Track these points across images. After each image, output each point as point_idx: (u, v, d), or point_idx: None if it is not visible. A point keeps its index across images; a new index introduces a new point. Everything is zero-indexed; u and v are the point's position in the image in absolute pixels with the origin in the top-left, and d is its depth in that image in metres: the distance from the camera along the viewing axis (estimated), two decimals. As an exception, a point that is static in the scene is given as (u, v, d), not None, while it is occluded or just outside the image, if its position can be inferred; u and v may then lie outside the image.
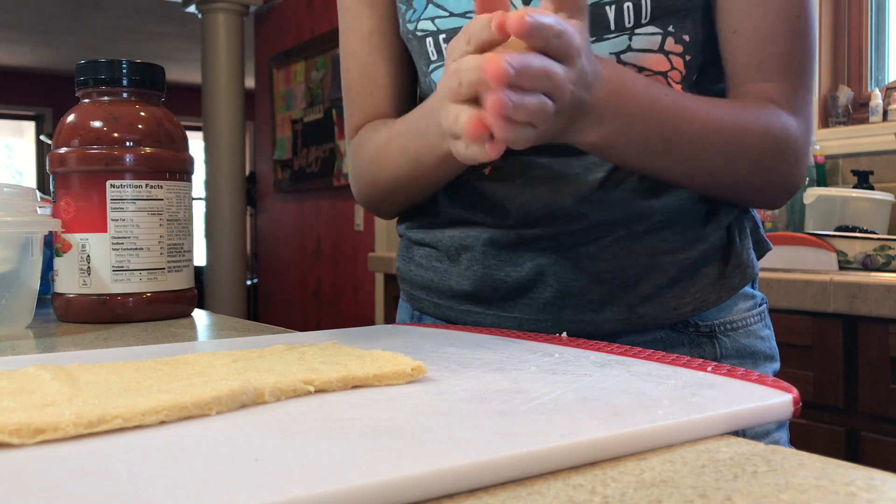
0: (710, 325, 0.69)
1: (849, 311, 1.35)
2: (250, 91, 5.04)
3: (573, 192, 0.66)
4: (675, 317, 0.67)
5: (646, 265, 0.66)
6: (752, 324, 0.71)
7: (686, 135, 0.61)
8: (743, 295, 0.71)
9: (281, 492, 0.25)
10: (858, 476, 0.29)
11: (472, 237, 0.71)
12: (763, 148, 0.63)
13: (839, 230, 1.72)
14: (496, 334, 0.59)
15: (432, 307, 0.75)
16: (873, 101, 2.00)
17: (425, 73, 0.74)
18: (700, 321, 0.68)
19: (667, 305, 0.67)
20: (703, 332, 0.68)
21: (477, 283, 0.70)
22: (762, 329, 0.72)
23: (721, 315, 0.69)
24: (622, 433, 0.32)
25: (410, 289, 0.78)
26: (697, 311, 0.68)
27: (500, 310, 0.70)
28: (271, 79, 4.59)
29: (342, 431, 0.32)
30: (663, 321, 0.67)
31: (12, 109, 7.96)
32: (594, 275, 0.66)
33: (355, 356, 0.45)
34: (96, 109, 0.78)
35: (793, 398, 0.38)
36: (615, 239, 0.66)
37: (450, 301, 0.73)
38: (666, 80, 0.66)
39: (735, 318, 0.70)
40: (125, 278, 0.76)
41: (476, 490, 0.28)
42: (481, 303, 0.71)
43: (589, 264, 0.66)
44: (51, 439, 0.31)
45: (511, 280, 0.68)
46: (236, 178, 4.60)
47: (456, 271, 0.72)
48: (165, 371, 0.42)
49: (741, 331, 0.70)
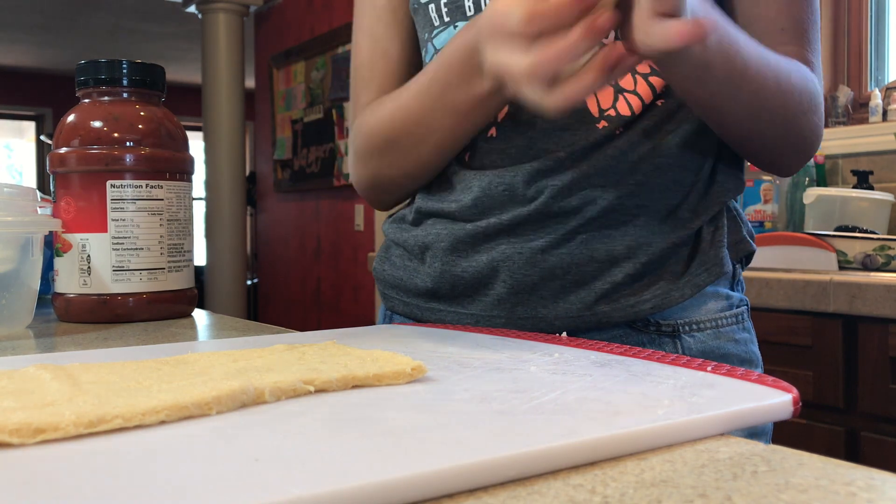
0: (672, 325, 0.67)
1: (849, 311, 1.35)
2: (250, 91, 5.04)
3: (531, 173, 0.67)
4: (632, 314, 0.66)
5: (601, 261, 0.66)
6: (723, 325, 0.69)
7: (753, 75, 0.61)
8: (714, 294, 0.69)
9: (281, 492, 0.25)
10: (858, 476, 0.29)
11: (433, 234, 0.72)
12: (802, 92, 0.65)
13: (839, 230, 1.72)
14: (496, 334, 0.59)
15: (402, 306, 0.76)
16: (873, 102, 2.00)
17: (425, 42, 0.75)
18: (661, 319, 0.67)
19: (623, 303, 0.66)
20: (665, 332, 0.67)
21: (437, 280, 0.71)
22: (737, 332, 0.70)
23: (685, 314, 0.68)
24: (622, 433, 0.32)
25: (383, 288, 0.79)
26: (657, 308, 0.66)
27: (460, 306, 0.70)
28: (271, 79, 4.59)
29: (342, 431, 0.32)
30: (619, 319, 0.66)
31: (12, 109, 7.96)
32: (547, 270, 0.66)
33: (355, 356, 0.45)
34: (96, 109, 0.78)
35: (793, 398, 0.38)
36: (568, 233, 0.66)
37: (416, 299, 0.74)
38: None
39: (702, 318, 0.68)
40: (125, 278, 0.76)
41: (476, 490, 0.28)
42: (443, 300, 0.72)
43: (541, 259, 0.66)
44: (51, 439, 0.31)
45: (468, 276, 0.69)
46: (236, 178, 4.60)
47: (422, 269, 0.73)
48: (165, 371, 0.42)
49: (709, 331, 0.68)
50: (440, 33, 0.73)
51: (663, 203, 0.67)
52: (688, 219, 0.68)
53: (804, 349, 1.42)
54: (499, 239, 0.68)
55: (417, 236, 0.74)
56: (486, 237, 0.68)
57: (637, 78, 0.67)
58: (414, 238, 0.74)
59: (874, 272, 1.52)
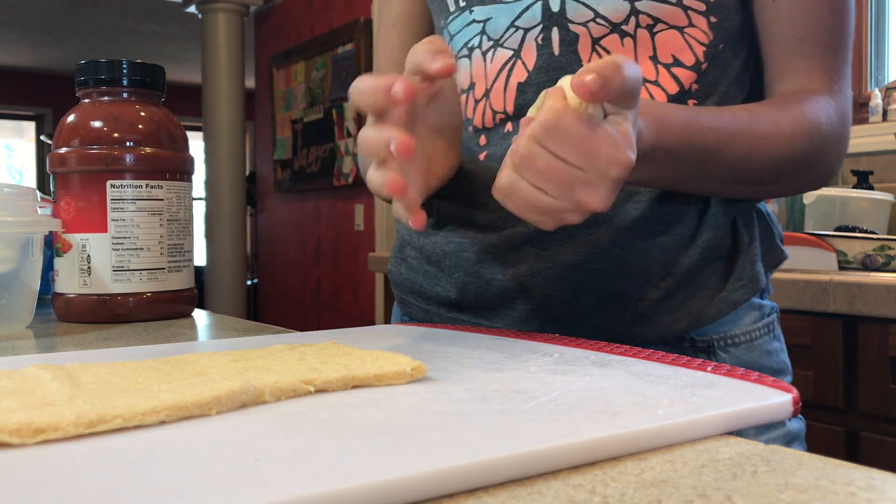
0: (707, 340, 0.65)
1: (849, 311, 1.35)
2: (250, 91, 5.04)
3: None
4: (667, 333, 0.64)
5: (634, 278, 0.63)
6: (757, 338, 0.67)
7: (734, 154, 0.59)
8: (748, 307, 0.67)
9: (281, 492, 0.25)
10: (858, 476, 0.29)
11: (454, 243, 0.69)
12: (810, 147, 0.62)
13: (839, 230, 1.72)
14: (496, 334, 0.59)
15: (421, 313, 0.73)
16: (873, 101, 2.00)
17: (441, 28, 0.74)
18: (696, 336, 0.65)
19: (657, 322, 0.63)
20: (700, 348, 0.65)
21: (461, 291, 0.68)
22: (770, 342, 0.68)
23: (721, 329, 0.65)
24: (622, 433, 0.32)
25: (401, 293, 0.76)
26: (692, 327, 0.64)
27: (484, 318, 0.68)
28: (271, 79, 4.59)
29: (342, 431, 0.32)
30: (652, 338, 0.63)
31: (12, 109, 7.96)
32: (578, 286, 0.63)
33: (355, 356, 0.45)
34: (96, 109, 0.78)
35: (793, 398, 0.38)
36: (600, 247, 0.63)
37: (438, 308, 0.71)
38: (682, 37, 0.63)
39: (737, 331, 0.66)
40: (125, 278, 0.76)
41: (476, 490, 0.28)
42: (466, 311, 0.69)
43: (572, 275, 0.63)
44: (51, 439, 0.31)
45: (493, 289, 0.66)
46: (236, 178, 4.60)
47: (443, 277, 0.70)
48: (165, 371, 0.42)
49: (744, 346, 0.66)
50: (455, 19, 0.71)
51: (695, 207, 0.65)
52: (720, 225, 0.65)
53: (804, 349, 1.42)
54: (525, 250, 0.65)
55: (437, 243, 0.71)
56: (512, 247, 0.65)
57: (659, 68, 0.64)
58: (433, 244, 0.71)
59: (874, 272, 1.52)
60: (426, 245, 0.72)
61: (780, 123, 0.61)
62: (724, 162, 0.59)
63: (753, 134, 0.59)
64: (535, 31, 0.66)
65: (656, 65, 0.64)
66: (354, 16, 3.72)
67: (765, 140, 0.60)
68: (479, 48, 0.69)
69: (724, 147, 0.58)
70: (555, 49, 0.65)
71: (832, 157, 0.64)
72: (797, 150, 0.61)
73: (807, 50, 0.64)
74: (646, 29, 0.63)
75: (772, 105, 0.63)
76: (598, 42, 0.64)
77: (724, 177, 0.60)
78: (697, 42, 0.64)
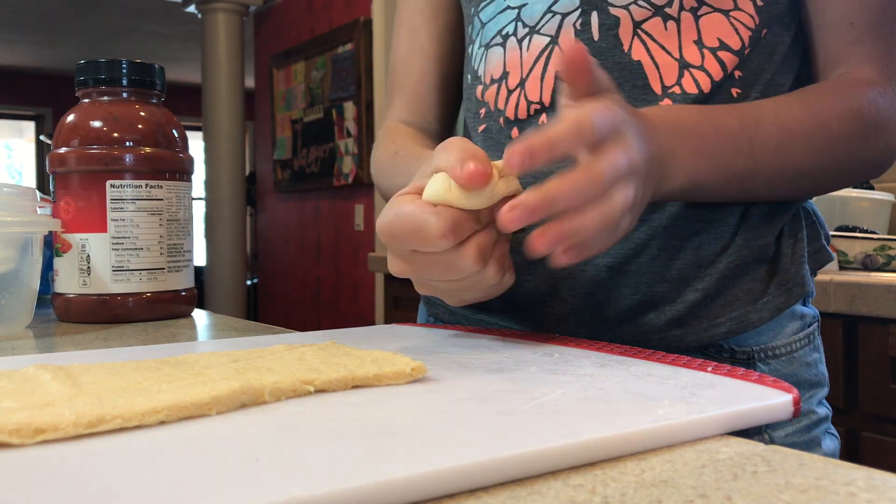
0: (747, 352, 0.61)
1: (849, 311, 1.35)
2: (250, 91, 5.04)
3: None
4: (706, 339, 0.60)
5: (672, 280, 0.60)
6: (797, 349, 0.63)
7: (765, 146, 0.56)
8: (790, 315, 0.63)
9: (281, 492, 0.25)
10: (858, 476, 0.29)
11: None
12: (850, 132, 0.58)
13: (839, 230, 1.72)
14: (496, 334, 0.59)
15: (447, 314, 0.72)
16: (873, 101, 1.99)
17: (471, 17, 0.71)
18: (736, 346, 0.61)
19: (696, 326, 0.60)
20: (739, 359, 0.61)
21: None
22: (810, 353, 0.65)
23: (762, 340, 0.61)
24: (622, 433, 0.32)
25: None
26: (733, 333, 0.60)
27: (514, 321, 0.66)
28: (271, 79, 4.59)
29: (342, 431, 0.32)
30: (690, 344, 0.60)
31: (12, 109, 7.96)
32: (614, 290, 0.61)
33: (355, 356, 0.45)
34: (96, 109, 0.78)
35: (793, 398, 0.38)
36: (637, 247, 0.60)
37: (463, 309, 0.69)
38: (728, 21, 0.61)
39: (778, 343, 0.62)
40: (125, 278, 0.76)
41: (476, 490, 0.28)
42: (495, 313, 0.67)
43: (607, 277, 0.61)
44: (51, 439, 0.31)
45: (524, 291, 0.64)
46: (236, 178, 4.60)
47: None
48: (165, 371, 0.42)
49: (784, 358, 0.62)
50: (487, 6, 0.69)
51: (735, 206, 0.61)
52: (762, 223, 0.62)
53: (804, 349, 1.42)
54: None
55: None
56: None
57: (704, 52, 0.60)
58: None
59: (874, 272, 1.52)
60: None
61: (813, 109, 0.58)
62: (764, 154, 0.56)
63: (783, 121, 0.57)
64: (573, 16, 0.63)
65: (701, 49, 0.61)
66: (354, 16, 3.72)
67: (797, 125, 0.57)
68: (514, 35, 0.67)
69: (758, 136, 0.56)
70: (594, 34, 0.62)
71: (881, 145, 0.61)
72: (837, 135, 0.58)
73: (857, 36, 0.61)
74: (689, 12, 0.60)
75: (802, 94, 0.60)
76: (640, 25, 0.61)
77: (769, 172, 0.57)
78: (744, 26, 0.61)
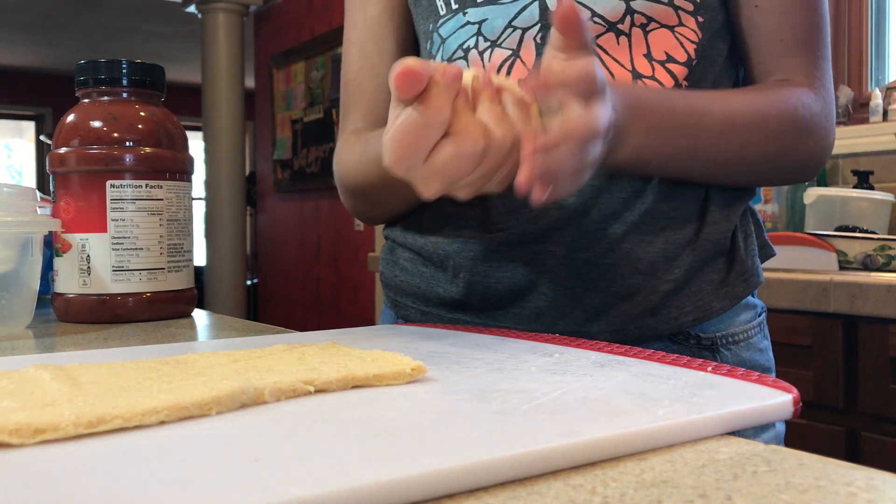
0: (711, 338, 0.67)
1: (849, 311, 1.35)
2: (250, 91, 5.04)
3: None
4: (675, 327, 0.65)
5: (644, 272, 0.64)
6: (752, 336, 0.70)
7: (708, 130, 0.61)
8: (745, 305, 0.70)
9: (281, 492, 0.25)
10: (858, 476, 0.29)
11: (458, 243, 0.68)
12: (786, 129, 0.63)
13: (839, 230, 1.72)
14: (496, 334, 0.59)
15: (419, 315, 0.72)
16: (873, 101, 2.00)
17: (429, 33, 0.72)
18: (702, 333, 0.66)
19: (667, 316, 0.65)
20: (705, 345, 0.66)
21: (466, 291, 0.67)
22: (761, 341, 0.71)
23: (723, 327, 0.67)
24: (622, 433, 0.32)
25: (395, 295, 0.75)
26: (699, 321, 0.66)
27: (491, 318, 0.67)
28: (271, 79, 4.59)
29: (342, 431, 0.32)
30: (662, 332, 0.65)
31: (12, 109, 7.96)
32: (591, 282, 0.64)
33: (355, 356, 0.45)
34: (96, 109, 0.78)
35: (793, 398, 0.38)
36: (611, 241, 0.64)
37: (438, 309, 0.70)
38: (673, 36, 0.65)
39: (737, 330, 0.68)
40: (125, 278, 0.76)
41: (476, 490, 0.28)
42: (471, 311, 0.68)
43: (585, 270, 0.64)
44: (51, 439, 0.31)
45: (502, 287, 0.66)
46: (236, 178, 4.60)
47: (443, 277, 0.69)
48: (165, 371, 0.42)
49: (742, 344, 0.68)
50: (446, 22, 0.70)
51: (695, 204, 0.66)
52: (721, 219, 0.67)
53: (804, 349, 1.42)
54: (535, 248, 0.65)
55: (437, 243, 0.70)
56: (521, 245, 0.65)
57: (654, 64, 0.65)
58: (433, 244, 0.70)
59: (874, 272, 1.52)
60: (424, 246, 0.71)
61: (755, 104, 0.63)
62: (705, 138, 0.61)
63: (729, 110, 0.62)
64: (533, 30, 0.66)
65: (651, 62, 0.65)
66: (354, 16, 3.71)
67: (740, 116, 0.62)
68: (475, 48, 0.69)
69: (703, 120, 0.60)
70: None
71: (813, 143, 0.66)
72: (774, 130, 0.63)
73: (788, 51, 0.66)
74: (639, 28, 0.65)
75: (746, 90, 0.66)
76: (595, 41, 0.65)
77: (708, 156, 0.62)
78: (688, 40, 0.66)
